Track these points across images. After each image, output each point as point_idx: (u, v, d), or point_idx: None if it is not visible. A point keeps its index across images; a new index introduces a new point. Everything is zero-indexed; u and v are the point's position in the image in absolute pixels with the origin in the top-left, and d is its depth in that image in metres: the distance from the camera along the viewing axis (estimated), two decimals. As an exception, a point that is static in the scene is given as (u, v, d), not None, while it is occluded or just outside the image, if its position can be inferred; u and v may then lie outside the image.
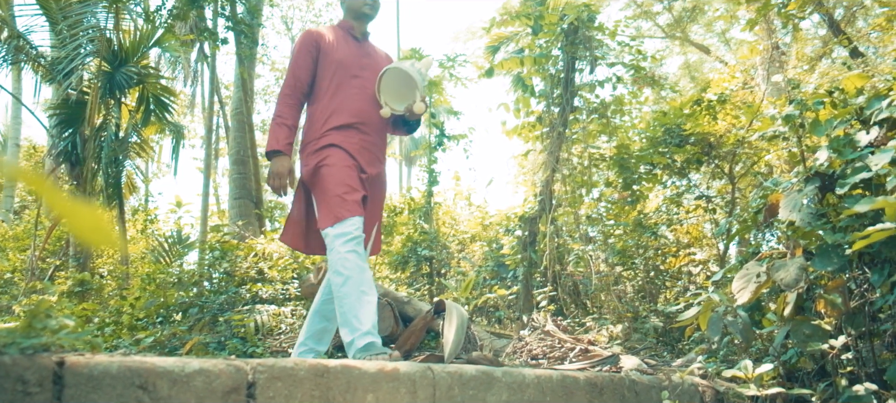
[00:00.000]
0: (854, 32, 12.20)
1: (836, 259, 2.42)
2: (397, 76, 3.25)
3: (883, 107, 2.51)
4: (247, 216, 9.17)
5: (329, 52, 3.29)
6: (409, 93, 3.26)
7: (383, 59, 3.51)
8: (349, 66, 3.30)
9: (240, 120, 9.86)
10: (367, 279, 2.97)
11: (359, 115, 3.22)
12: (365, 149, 3.23)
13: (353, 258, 2.92)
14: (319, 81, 3.28)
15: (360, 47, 3.41)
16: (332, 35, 3.36)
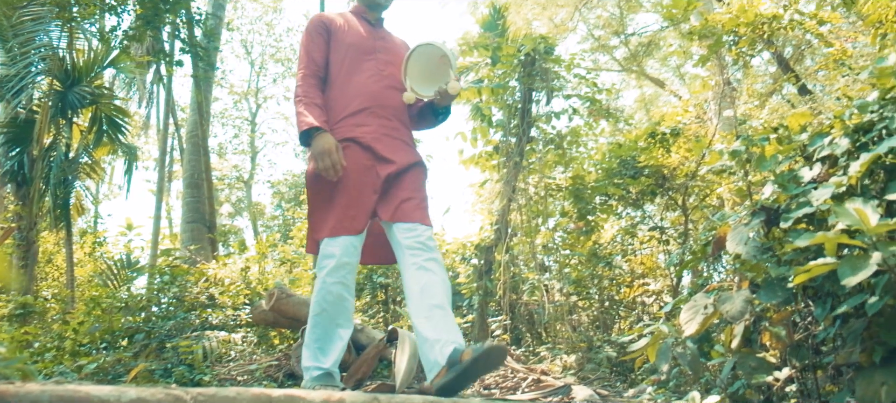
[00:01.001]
0: (802, 70, 12.59)
1: (781, 292, 2.46)
2: (425, 58, 2.96)
3: (825, 145, 2.58)
4: (199, 240, 9.02)
5: (340, 36, 3.05)
6: (439, 75, 2.96)
7: (400, 45, 3.24)
8: (361, 48, 3.05)
9: (195, 143, 9.73)
10: (344, 312, 2.78)
11: (374, 98, 2.96)
12: (385, 135, 2.93)
13: (335, 290, 2.73)
14: (332, 66, 3.04)
15: (373, 30, 3.15)
16: (342, 19, 3.14)
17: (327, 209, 2.82)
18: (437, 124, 3.25)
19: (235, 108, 25.14)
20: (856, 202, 2.09)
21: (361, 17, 3.17)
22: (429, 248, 2.78)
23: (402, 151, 2.94)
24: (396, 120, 3.00)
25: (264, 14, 24.68)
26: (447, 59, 2.90)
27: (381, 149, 2.87)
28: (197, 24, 8.25)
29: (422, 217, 2.87)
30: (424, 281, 2.70)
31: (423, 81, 3.00)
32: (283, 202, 23.05)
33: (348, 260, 2.75)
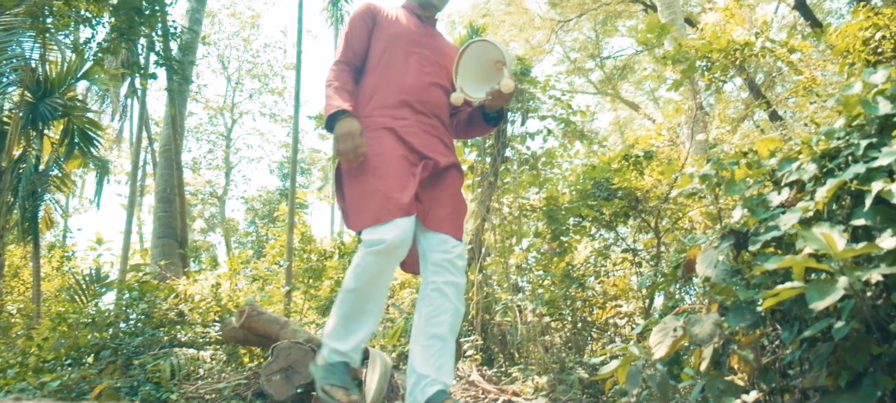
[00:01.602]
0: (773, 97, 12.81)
1: (750, 315, 2.48)
2: (478, 58, 2.77)
3: (793, 170, 2.62)
4: (170, 255, 8.92)
5: (386, 25, 2.90)
6: (491, 77, 2.77)
7: (449, 47, 3.05)
8: (407, 39, 2.89)
9: (168, 157, 9.64)
10: (377, 298, 2.53)
11: (412, 92, 2.79)
12: (423, 131, 2.76)
13: (374, 269, 2.46)
14: (372, 54, 2.87)
15: (422, 26, 2.98)
16: (392, 10, 2.98)
17: (366, 196, 2.57)
18: (488, 129, 3.08)
19: (211, 123, 25.01)
20: (823, 227, 2.11)
21: (413, 12, 3.01)
22: (455, 269, 2.63)
23: (440, 150, 2.79)
24: (436, 118, 2.84)
25: (242, 29, 24.62)
26: (502, 60, 2.71)
27: (419, 145, 2.70)
28: (172, 38, 8.20)
29: (455, 230, 2.70)
30: (436, 305, 2.56)
31: (475, 83, 2.82)
32: (257, 218, 22.92)
33: (400, 244, 2.49)
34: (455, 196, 2.80)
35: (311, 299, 8.63)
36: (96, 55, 8.87)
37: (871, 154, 2.34)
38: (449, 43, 3.09)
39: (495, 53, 2.74)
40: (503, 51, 2.70)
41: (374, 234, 2.47)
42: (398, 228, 2.48)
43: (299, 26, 11.98)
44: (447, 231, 2.67)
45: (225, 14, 24.17)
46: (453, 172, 2.82)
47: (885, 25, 5.58)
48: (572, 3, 16.19)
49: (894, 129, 2.28)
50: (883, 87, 2.53)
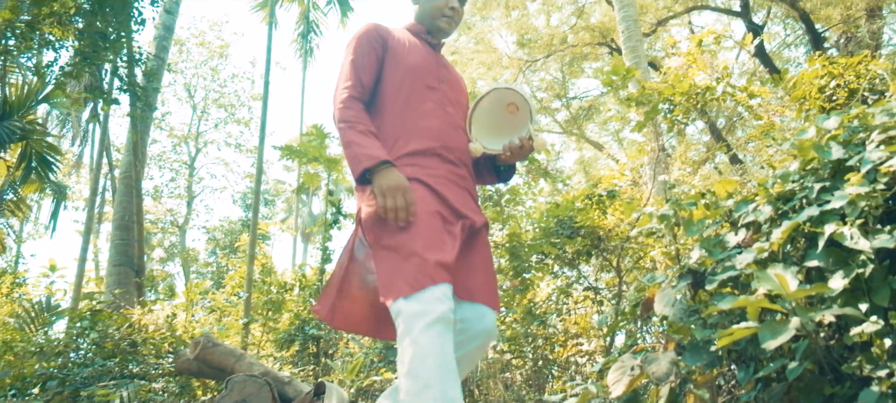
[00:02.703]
0: (734, 141, 13.09)
1: (706, 354, 2.49)
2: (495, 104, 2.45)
3: (749, 211, 2.65)
4: (126, 284, 8.72)
5: (399, 54, 2.51)
6: (507, 125, 2.47)
7: (460, 80, 2.74)
8: (425, 73, 2.52)
9: (128, 184, 9.47)
10: (452, 383, 1.99)
11: (440, 138, 2.41)
12: (454, 182, 2.38)
13: (435, 350, 1.97)
14: (384, 89, 2.47)
15: (434, 56, 2.63)
16: (402, 34, 2.61)
17: (401, 261, 2.15)
18: (496, 183, 2.73)
19: (174, 152, 24.69)
20: (777, 267, 2.14)
21: (421, 37, 2.65)
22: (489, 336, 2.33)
23: (472, 206, 2.43)
24: (464, 167, 2.48)
25: (210, 58, 24.48)
26: (525, 106, 2.39)
27: (454, 201, 2.32)
28: (137, 64, 8.11)
29: (492, 300, 2.36)
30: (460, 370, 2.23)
31: (490, 132, 2.51)
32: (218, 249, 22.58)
33: (447, 315, 2.03)
34: (488, 259, 2.44)
35: (270, 332, 8.48)
36: (59, 79, 8.73)
37: (824, 197, 2.39)
38: (459, 75, 2.77)
39: (515, 98, 2.43)
40: (528, 99, 2.37)
41: (416, 305, 2.03)
42: (445, 296, 2.07)
43: (268, 57, 11.96)
44: (483, 301, 2.33)
45: (194, 43, 24.07)
46: (484, 233, 2.46)
47: (840, 74, 5.74)
48: (540, 43, 16.42)
49: (846, 174, 2.33)
50: (835, 133, 2.59)
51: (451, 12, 2.63)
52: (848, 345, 2.27)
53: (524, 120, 2.43)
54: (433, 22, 2.63)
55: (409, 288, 2.06)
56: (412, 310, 2.03)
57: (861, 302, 2.12)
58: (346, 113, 2.36)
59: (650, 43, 16.08)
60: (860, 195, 2.20)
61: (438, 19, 2.62)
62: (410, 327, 2.01)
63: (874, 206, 2.20)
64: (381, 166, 2.24)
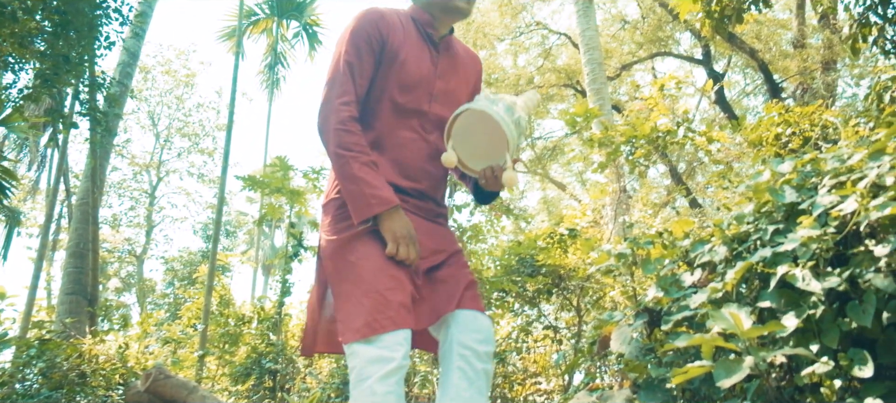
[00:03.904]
0: (694, 185, 13.34)
1: (661, 393, 2.49)
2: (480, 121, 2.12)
3: (705, 252, 2.69)
4: (78, 313, 8.48)
5: (394, 64, 2.15)
6: (495, 146, 2.16)
7: (468, 73, 2.38)
8: (416, 95, 2.18)
9: (84, 210, 9.27)
10: None
11: (409, 173, 2.16)
12: (423, 219, 2.18)
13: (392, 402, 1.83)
14: (371, 95, 2.16)
15: (434, 61, 2.24)
16: (401, 31, 2.20)
17: (361, 296, 1.97)
18: (482, 203, 2.43)
19: (135, 180, 24.29)
20: (731, 307, 2.16)
21: (424, 32, 2.25)
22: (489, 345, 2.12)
23: (440, 236, 2.23)
24: (432, 198, 2.25)
25: (175, 87, 24.26)
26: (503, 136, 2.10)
27: (426, 241, 2.13)
28: (100, 89, 7.99)
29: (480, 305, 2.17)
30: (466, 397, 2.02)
31: (474, 148, 2.21)
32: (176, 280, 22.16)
33: (401, 362, 1.88)
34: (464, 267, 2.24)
35: (226, 365, 8.31)
36: (17, 102, 8.55)
37: (778, 239, 2.43)
38: (471, 68, 2.41)
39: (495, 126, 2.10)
40: (504, 128, 2.08)
41: (374, 350, 1.87)
42: (405, 340, 1.91)
43: (233, 87, 11.88)
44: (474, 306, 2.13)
45: (159, 71, 23.84)
46: (460, 257, 2.26)
47: (795, 122, 5.90)
48: (507, 83, 16.63)
49: (799, 217, 2.38)
50: (789, 177, 2.65)
51: None
52: (799, 386, 2.29)
53: (503, 148, 2.14)
54: (449, 3, 2.21)
55: (368, 329, 1.89)
56: (370, 356, 1.87)
57: (812, 342, 2.16)
58: (346, 138, 2.03)
59: (614, 87, 16.39)
60: (812, 238, 2.24)
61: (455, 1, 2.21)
62: (366, 373, 1.85)
63: (825, 249, 2.24)
64: (392, 210, 2.00)
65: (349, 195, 2.02)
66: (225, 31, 20.02)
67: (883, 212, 2.01)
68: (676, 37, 16.12)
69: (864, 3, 5.61)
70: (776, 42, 14.76)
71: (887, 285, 2.02)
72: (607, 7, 16.96)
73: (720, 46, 14.49)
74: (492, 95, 2.16)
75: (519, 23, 16.67)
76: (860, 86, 14.98)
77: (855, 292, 2.14)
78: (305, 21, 20.82)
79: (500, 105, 2.10)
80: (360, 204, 1.99)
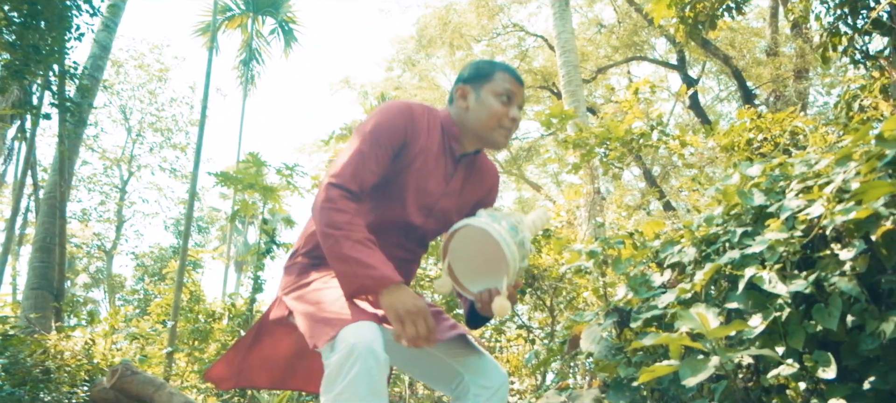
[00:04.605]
0: (668, 189, 13.47)
1: (629, 392, 2.51)
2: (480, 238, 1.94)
3: (675, 253, 2.71)
4: (43, 308, 8.33)
5: (409, 163, 2.07)
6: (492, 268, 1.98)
7: (478, 189, 2.27)
8: (419, 205, 2.11)
9: (52, 204, 9.11)
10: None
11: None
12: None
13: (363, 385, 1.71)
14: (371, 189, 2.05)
15: (448, 178, 2.16)
16: (426, 138, 2.10)
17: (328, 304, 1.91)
18: (469, 325, 2.21)
19: (106, 174, 23.93)
20: (699, 307, 2.18)
21: (448, 143, 2.16)
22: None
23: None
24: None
25: (148, 81, 23.95)
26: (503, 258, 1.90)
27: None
28: (70, 79, 7.86)
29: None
30: None
31: (472, 265, 2.03)
32: (147, 275, 21.89)
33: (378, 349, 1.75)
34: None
35: (195, 362, 8.22)
36: (-16, 92, 8.39)
37: (746, 241, 2.46)
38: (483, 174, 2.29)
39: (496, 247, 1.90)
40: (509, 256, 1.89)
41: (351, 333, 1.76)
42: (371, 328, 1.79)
43: (207, 81, 11.78)
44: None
45: (132, 65, 23.52)
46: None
47: (767, 128, 5.98)
48: (483, 84, 16.63)
49: (767, 220, 2.40)
50: (758, 181, 2.68)
51: (510, 124, 2.12)
52: (765, 388, 2.32)
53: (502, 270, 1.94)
54: (486, 133, 2.11)
55: (339, 323, 1.80)
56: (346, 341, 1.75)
57: (778, 344, 2.18)
58: (336, 217, 1.89)
59: (590, 90, 16.49)
60: (779, 241, 2.27)
61: (494, 131, 2.11)
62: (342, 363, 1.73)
63: (792, 252, 2.27)
64: (393, 287, 1.84)
65: (341, 277, 1.87)
66: (199, 25, 19.85)
67: (848, 217, 2.04)
68: (652, 42, 16.27)
69: (835, 13, 5.69)
70: (750, 50, 14.96)
71: (852, 288, 2.05)
72: (584, 11, 17.06)
73: (695, 52, 14.64)
74: (495, 212, 1.99)
75: (496, 24, 16.71)
76: (831, 94, 15.23)
77: (820, 295, 2.17)
78: (281, 18, 20.71)
79: (504, 223, 1.93)
80: (351, 282, 1.85)
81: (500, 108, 2.09)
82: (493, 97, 2.10)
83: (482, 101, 2.10)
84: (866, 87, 5.62)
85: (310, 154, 20.05)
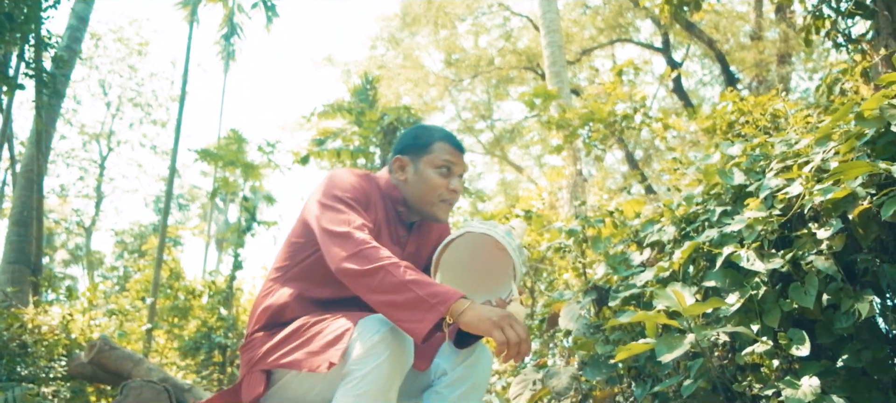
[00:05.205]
0: (650, 173, 13.51)
1: (606, 369, 2.51)
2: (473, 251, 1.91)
3: (654, 231, 2.71)
4: (20, 283, 8.23)
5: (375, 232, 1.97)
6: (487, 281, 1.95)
7: (433, 242, 2.17)
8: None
9: (29, 178, 8.97)
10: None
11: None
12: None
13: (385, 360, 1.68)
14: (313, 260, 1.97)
15: (403, 243, 2.12)
16: (376, 204, 2.05)
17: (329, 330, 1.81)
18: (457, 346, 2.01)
19: (84, 150, 23.64)
20: (677, 285, 2.18)
21: (396, 210, 2.11)
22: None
23: None
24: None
25: (128, 55, 23.62)
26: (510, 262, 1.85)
27: None
28: (45, 49, 7.72)
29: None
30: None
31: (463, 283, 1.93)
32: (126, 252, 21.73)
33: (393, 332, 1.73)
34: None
35: (175, 339, 8.18)
36: (-42, 64, 8.22)
37: (725, 220, 2.46)
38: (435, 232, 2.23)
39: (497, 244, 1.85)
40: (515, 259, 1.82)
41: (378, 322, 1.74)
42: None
43: (187, 55, 11.65)
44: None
45: (111, 38, 23.18)
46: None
47: (749, 111, 5.99)
48: (467, 64, 16.58)
49: (747, 199, 2.40)
50: (739, 160, 2.68)
51: (450, 195, 2.06)
52: (740, 366, 2.33)
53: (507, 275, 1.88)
54: (426, 207, 2.06)
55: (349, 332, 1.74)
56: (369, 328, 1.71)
57: (753, 322, 2.19)
58: (374, 252, 1.74)
59: (574, 71, 16.47)
60: (758, 219, 2.27)
61: (434, 205, 2.06)
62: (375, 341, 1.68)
63: (770, 231, 2.27)
64: (464, 302, 1.68)
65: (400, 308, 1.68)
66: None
67: (826, 196, 2.04)
68: (637, 24, 16.26)
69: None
70: (734, 33, 14.99)
71: (828, 267, 2.06)
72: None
73: (679, 35, 14.66)
74: (484, 222, 1.89)
75: (480, 3, 16.62)
76: (813, 80, 15.33)
77: (797, 274, 2.18)
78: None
79: (500, 229, 1.84)
80: (422, 310, 1.66)
81: (440, 181, 2.03)
82: (432, 170, 2.04)
83: (420, 174, 2.05)
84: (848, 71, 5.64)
85: (292, 131, 19.88)
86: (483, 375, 2.01)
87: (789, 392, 1.90)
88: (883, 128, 2.09)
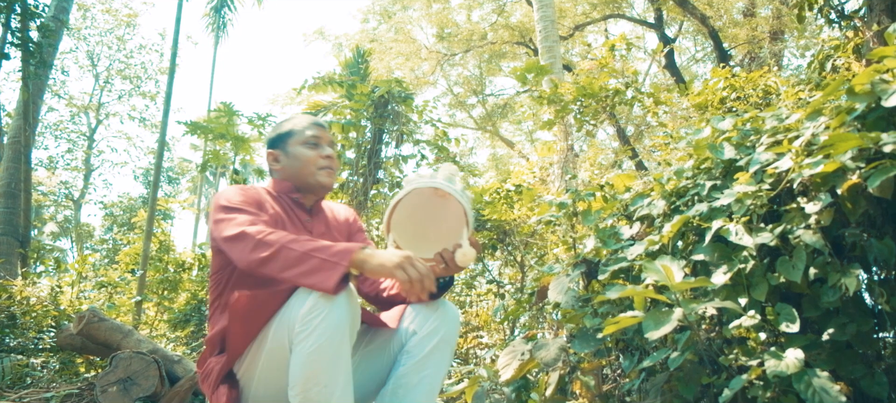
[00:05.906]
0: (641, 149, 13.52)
1: (594, 342, 2.52)
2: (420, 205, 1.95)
3: (644, 205, 2.71)
4: (9, 255, 8.20)
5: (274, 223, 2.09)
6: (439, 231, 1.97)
7: (341, 225, 2.34)
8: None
9: (16, 149, 8.90)
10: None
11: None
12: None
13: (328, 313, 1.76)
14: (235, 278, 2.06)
15: (309, 226, 2.22)
16: (273, 203, 2.17)
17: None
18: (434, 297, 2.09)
19: (73, 122, 23.44)
20: (665, 259, 2.18)
21: (294, 201, 2.25)
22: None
23: None
24: None
25: (116, 27, 23.36)
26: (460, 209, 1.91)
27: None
28: (32, 19, 7.62)
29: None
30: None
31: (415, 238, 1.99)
32: (116, 225, 21.64)
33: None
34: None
35: (165, 312, 8.17)
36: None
37: (715, 195, 2.46)
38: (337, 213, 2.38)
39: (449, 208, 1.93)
40: (465, 205, 1.89)
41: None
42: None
43: (177, 27, 11.50)
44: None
45: (99, 9, 22.89)
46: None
47: (741, 87, 5.99)
48: (459, 38, 16.48)
49: (737, 173, 2.40)
50: (729, 134, 2.67)
51: (326, 162, 2.23)
52: (727, 339, 2.34)
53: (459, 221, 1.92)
54: (310, 179, 2.21)
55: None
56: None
57: (741, 296, 2.20)
58: (269, 238, 1.84)
59: (567, 47, 16.41)
60: (747, 194, 2.27)
61: (316, 175, 2.22)
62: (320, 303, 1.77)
63: (759, 205, 2.27)
64: (362, 251, 1.81)
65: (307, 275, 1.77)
66: (171, -31, 19.32)
67: (815, 170, 2.04)
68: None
69: (812, -29, 5.67)
70: (727, 10, 14.95)
71: (816, 241, 2.06)
72: (563, -34, 16.90)
73: (672, 11, 14.60)
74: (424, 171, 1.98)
75: (474, -23, 16.50)
76: (805, 57, 15.32)
77: (785, 248, 2.18)
78: (255, -37, 20.24)
79: (440, 177, 1.91)
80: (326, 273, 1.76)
81: (311, 154, 2.22)
82: (301, 147, 2.22)
83: (293, 156, 2.23)
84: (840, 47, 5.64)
85: (282, 105, 19.81)
86: (451, 329, 2.10)
87: (773, 364, 1.91)
88: (874, 102, 2.08)
